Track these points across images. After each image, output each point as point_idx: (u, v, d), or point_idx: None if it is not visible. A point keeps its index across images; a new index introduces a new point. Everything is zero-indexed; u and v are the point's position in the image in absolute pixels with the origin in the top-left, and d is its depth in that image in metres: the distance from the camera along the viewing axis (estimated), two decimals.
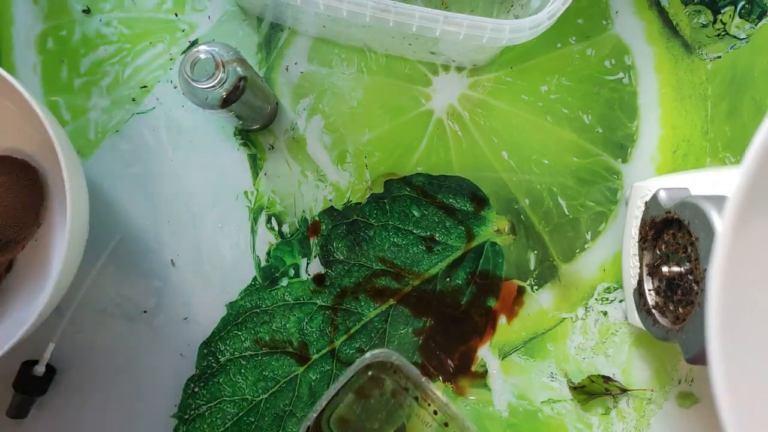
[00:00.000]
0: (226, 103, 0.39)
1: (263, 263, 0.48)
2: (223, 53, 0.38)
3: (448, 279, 0.48)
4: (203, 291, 0.48)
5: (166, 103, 0.48)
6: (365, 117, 0.49)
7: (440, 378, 0.48)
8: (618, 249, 0.49)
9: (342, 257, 0.48)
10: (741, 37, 0.49)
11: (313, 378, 0.48)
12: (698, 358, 0.35)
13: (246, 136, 0.49)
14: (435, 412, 0.43)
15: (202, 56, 0.37)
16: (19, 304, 0.46)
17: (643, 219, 0.43)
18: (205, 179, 0.48)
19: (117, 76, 0.48)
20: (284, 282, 0.48)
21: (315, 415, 0.43)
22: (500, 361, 0.48)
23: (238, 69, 0.39)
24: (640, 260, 0.43)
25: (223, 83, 0.38)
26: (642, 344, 0.48)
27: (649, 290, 0.42)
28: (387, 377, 0.44)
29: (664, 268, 0.38)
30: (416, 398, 0.44)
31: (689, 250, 0.37)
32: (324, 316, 0.48)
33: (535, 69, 0.49)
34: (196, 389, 0.48)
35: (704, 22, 0.49)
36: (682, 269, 0.37)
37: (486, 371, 0.48)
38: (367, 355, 0.45)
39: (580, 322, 0.48)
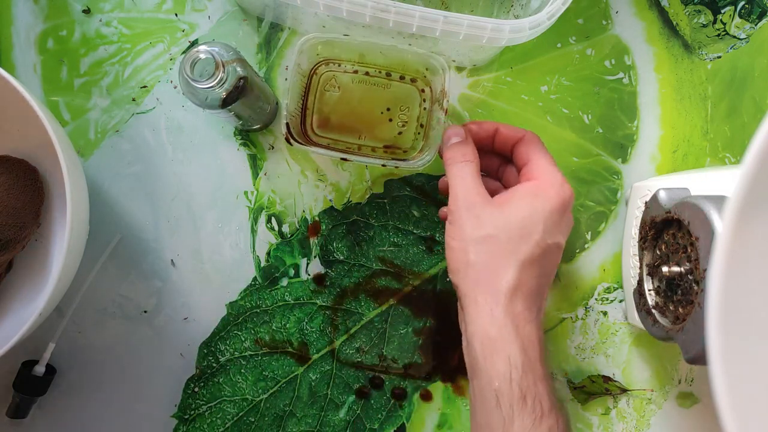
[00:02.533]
0: (226, 103, 0.39)
1: (263, 263, 0.48)
2: (223, 53, 0.38)
3: (448, 279, 0.48)
4: (203, 291, 0.48)
5: (166, 103, 0.48)
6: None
7: (440, 378, 0.48)
8: (618, 249, 0.49)
9: (342, 257, 0.48)
10: (741, 37, 0.49)
11: (313, 378, 0.48)
12: (698, 358, 0.35)
13: (246, 136, 0.49)
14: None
15: (202, 56, 0.37)
16: (19, 304, 0.46)
17: (643, 219, 0.43)
18: (205, 179, 0.48)
19: (117, 76, 0.48)
20: (284, 282, 0.48)
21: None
22: None
23: (238, 69, 0.39)
24: (640, 260, 0.43)
25: (223, 83, 0.38)
26: (642, 344, 0.48)
27: (649, 290, 0.42)
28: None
29: (664, 268, 0.38)
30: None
31: (689, 250, 0.37)
32: (324, 316, 0.48)
33: (535, 69, 0.49)
34: (196, 389, 0.48)
35: (704, 22, 0.49)
36: (682, 269, 0.37)
37: None
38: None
39: (580, 322, 0.48)
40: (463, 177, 0.40)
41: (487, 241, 0.38)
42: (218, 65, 0.37)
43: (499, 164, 0.45)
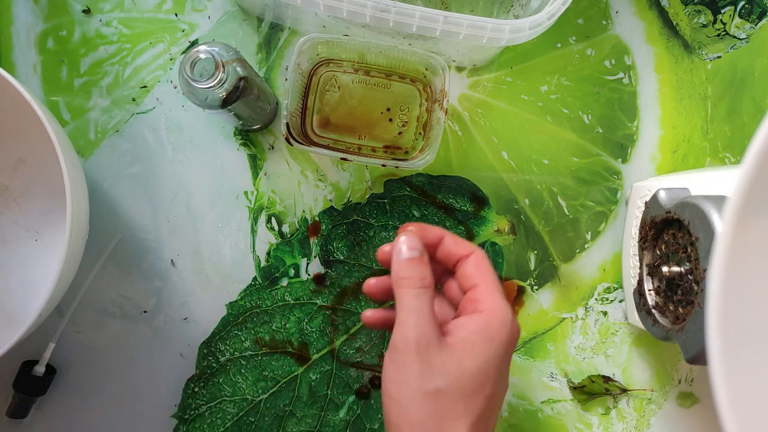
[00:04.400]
0: (226, 103, 0.39)
1: (263, 263, 0.48)
2: (223, 53, 0.38)
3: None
4: (203, 291, 0.48)
5: (166, 103, 0.48)
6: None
7: None
8: (618, 249, 0.49)
9: (342, 257, 0.48)
10: (741, 37, 0.49)
11: (313, 378, 0.48)
12: (698, 358, 0.35)
13: (246, 136, 0.49)
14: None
15: (202, 56, 0.37)
16: (20, 304, 0.46)
17: (643, 219, 0.43)
18: (205, 179, 0.48)
19: (117, 76, 0.48)
20: (284, 282, 0.48)
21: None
22: None
23: (238, 69, 0.39)
24: (640, 260, 0.43)
25: (223, 83, 0.38)
26: (642, 344, 0.48)
27: (649, 290, 0.42)
28: None
29: (664, 268, 0.38)
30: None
31: (689, 250, 0.37)
32: (324, 316, 0.48)
33: (535, 69, 0.49)
34: (196, 389, 0.48)
35: (704, 22, 0.49)
36: (682, 269, 0.37)
37: None
38: None
39: (580, 322, 0.48)
40: (419, 309, 0.33)
41: (436, 397, 0.32)
42: (218, 65, 0.37)
43: (441, 273, 0.38)
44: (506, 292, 0.48)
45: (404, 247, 0.35)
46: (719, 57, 0.49)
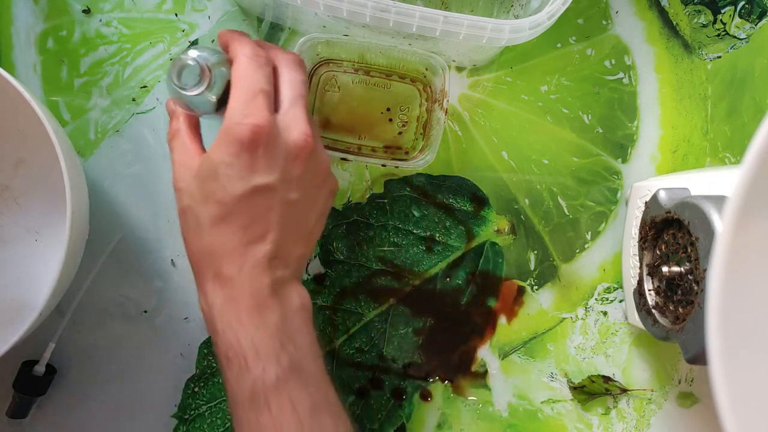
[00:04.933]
0: (219, 106, 0.37)
1: None
2: (209, 57, 0.36)
3: (448, 279, 0.48)
4: None
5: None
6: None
7: (440, 378, 0.48)
8: (618, 249, 0.49)
9: (342, 257, 0.48)
10: (741, 37, 0.49)
11: None
12: (698, 358, 0.35)
13: None
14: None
15: (190, 62, 0.35)
16: (20, 304, 0.46)
17: (643, 219, 0.43)
18: None
19: (117, 76, 0.48)
20: None
21: None
22: (500, 361, 0.48)
23: (225, 70, 0.37)
24: (640, 260, 0.43)
25: (212, 88, 0.36)
26: (642, 344, 0.48)
27: (649, 290, 0.42)
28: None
29: (664, 268, 0.38)
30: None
31: (689, 250, 0.37)
32: (324, 316, 0.48)
33: (535, 69, 0.49)
34: (196, 389, 0.48)
35: (704, 22, 0.49)
36: (682, 269, 0.37)
37: (486, 371, 0.48)
38: None
39: (580, 322, 0.48)
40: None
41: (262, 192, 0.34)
42: (203, 70, 0.35)
43: None
44: (506, 292, 0.48)
45: None
46: (719, 57, 0.49)
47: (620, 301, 0.48)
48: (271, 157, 0.34)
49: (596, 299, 0.49)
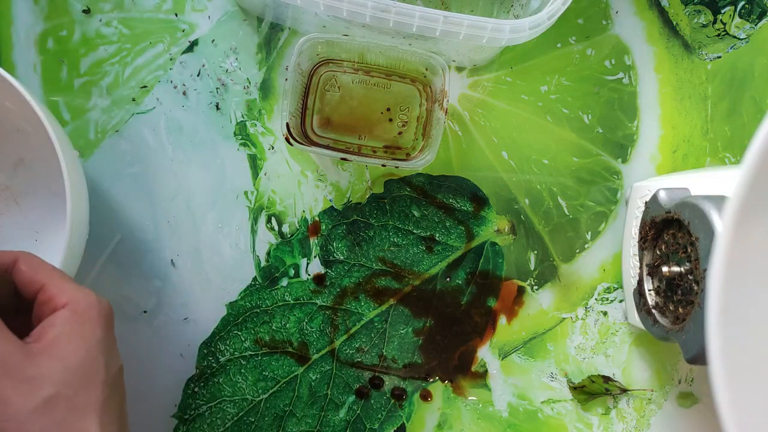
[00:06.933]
0: None
1: (263, 263, 0.48)
2: None
3: (448, 279, 0.48)
4: (203, 291, 0.48)
5: (166, 103, 0.48)
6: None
7: (440, 378, 0.48)
8: (618, 249, 0.49)
9: (342, 257, 0.48)
10: (741, 37, 0.49)
11: (313, 378, 0.48)
12: (698, 358, 0.35)
13: (246, 136, 0.49)
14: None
15: None
16: None
17: (643, 219, 0.43)
18: (205, 179, 0.48)
19: (117, 76, 0.48)
20: (284, 282, 0.48)
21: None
22: (500, 361, 0.48)
23: None
24: (640, 260, 0.43)
25: None
26: (642, 344, 0.48)
27: (649, 290, 0.42)
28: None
29: (664, 268, 0.38)
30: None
31: (689, 250, 0.37)
32: (324, 316, 0.48)
33: (535, 69, 0.49)
34: (196, 389, 0.48)
35: (704, 22, 0.49)
36: (682, 269, 0.37)
37: (486, 371, 0.48)
38: None
39: (580, 322, 0.48)
40: None
41: (51, 406, 0.29)
42: None
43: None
44: (506, 292, 0.48)
45: None
46: (719, 57, 0.49)
47: (620, 301, 0.48)
48: None
49: (596, 299, 0.49)
